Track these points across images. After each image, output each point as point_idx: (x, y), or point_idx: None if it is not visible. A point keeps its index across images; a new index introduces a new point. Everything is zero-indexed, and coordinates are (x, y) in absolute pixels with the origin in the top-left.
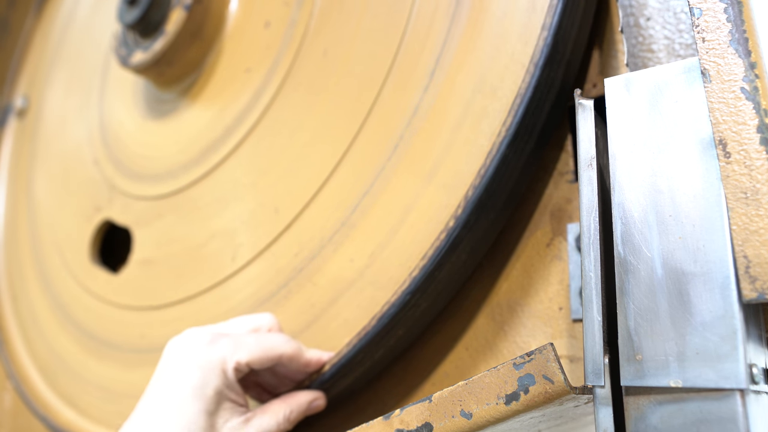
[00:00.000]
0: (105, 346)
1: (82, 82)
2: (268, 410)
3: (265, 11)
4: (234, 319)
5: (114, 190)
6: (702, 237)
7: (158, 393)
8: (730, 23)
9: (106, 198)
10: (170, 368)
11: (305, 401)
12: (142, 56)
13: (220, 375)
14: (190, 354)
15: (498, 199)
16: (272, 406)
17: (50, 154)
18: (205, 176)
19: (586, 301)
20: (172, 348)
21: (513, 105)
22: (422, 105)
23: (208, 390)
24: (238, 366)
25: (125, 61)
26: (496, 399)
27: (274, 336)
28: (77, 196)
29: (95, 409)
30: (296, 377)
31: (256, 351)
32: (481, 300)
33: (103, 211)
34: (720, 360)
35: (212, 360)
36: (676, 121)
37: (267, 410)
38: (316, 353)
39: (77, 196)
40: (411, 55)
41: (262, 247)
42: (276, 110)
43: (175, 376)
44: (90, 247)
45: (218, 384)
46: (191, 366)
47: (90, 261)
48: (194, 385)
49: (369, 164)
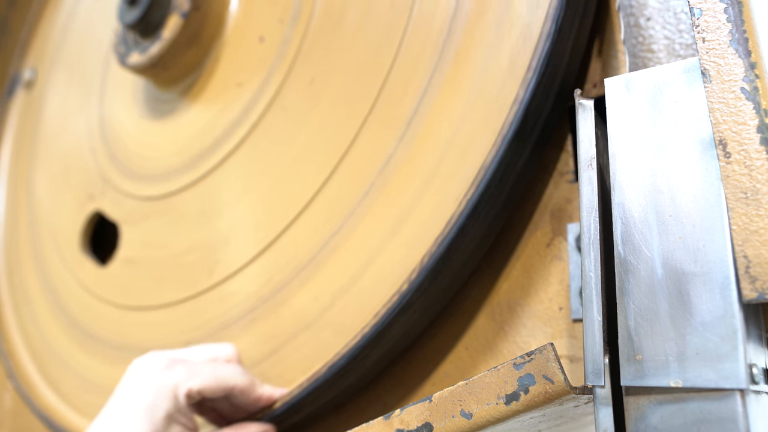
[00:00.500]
0: (89, 338)
1: (83, 80)
2: None
3: (260, 25)
4: (196, 347)
5: (107, 183)
6: (702, 237)
7: (113, 410)
8: (730, 23)
9: (99, 188)
10: (127, 388)
11: (255, 431)
12: (139, 58)
13: (171, 399)
14: (147, 377)
15: (454, 262)
16: None
17: (50, 151)
18: (194, 184)
19: (586, 301)
20: (132, 369)
21: (479, 173)
22: (395, 155)
23: (159, 412)
24: (190, 393)
25: (123, 59)
26: (496, 399)
27: (230, 367)
28: (74, 184)
29: (96, 408)
30: (249, 409)
31: (209, 380)
32: (481, 300)
33: (95, 200)
34: (720, 360)
35: (166, 384)
36: (676, 121)
37: None
38: (268, 389)
39: (74, 184)
40: (391, 102)
41: (236, 269)
42: (262, 130)
43: (131, 396)
44: (81, 235)
45: (169, 407)
46: (146, 388)
47: (80, 249)
48: (146, 406)
49: (341, 204)
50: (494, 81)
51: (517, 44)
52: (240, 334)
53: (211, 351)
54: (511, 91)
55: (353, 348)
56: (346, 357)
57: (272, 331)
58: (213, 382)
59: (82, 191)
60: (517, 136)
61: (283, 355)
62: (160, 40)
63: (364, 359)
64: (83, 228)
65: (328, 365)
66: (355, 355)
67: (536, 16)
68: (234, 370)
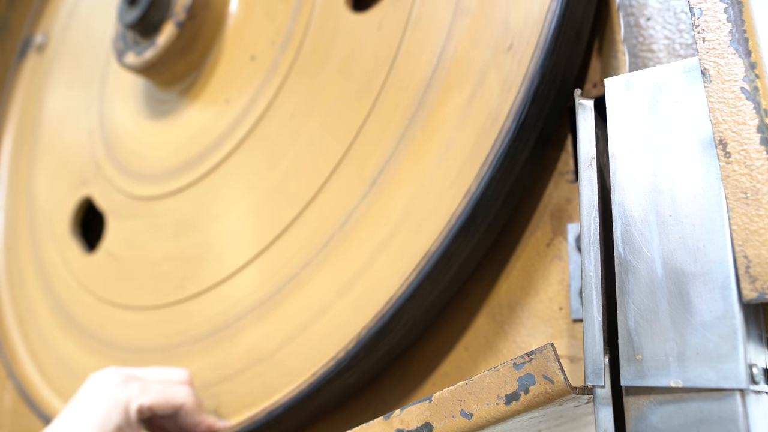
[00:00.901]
0: (74, 326)
1: (84, 76)
2: None
3: (253, 43)
4: (153, 368)
5: (99, 172)
6: (702, 237)
7: (68, 418)
8: (730, 23)
9: (92, 175)
10: (83, 399)
11: None
12: (134, 59)
13: (123, 413)
14: (102, 390)
15: (390, 338)
16: None
17: (51, 138)
18: (175, 193)
19: (586, 301)
20: (90, 381)
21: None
22: (356, 213)
23: (110, 424)
24: (141, 408)
25: (120, 57)
26: (496, 399)
27: (181, 388)
28: (70, 167)
29: None
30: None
31: (160, 398)
32: (481, 300)
33: (88, 185)
34: (720, 360)
35: (119, 399)
36: (676, 121)
37: None
38: (211, 419)
39: (70, 167)
40: (361, 155)
41: (201, 290)
42: (242, 154)
43: (86, 406)
44: (72, 217)
45: (120, 421)
46: (101, 400)
47: (69, 232)
48: (99, 417)
49: (303, 250)
50: (454, 164)
51: (482, 130)
52: (198, 354)
53: (166, 372)
54: (466, 181)
55: (286, 402)
56: (284, 406)
57: (226, 360)
58: (163, 400)
59: (76, 175)
60: (462, 229)
61: (232, 385)
62: (154, 46)
63: (301, 410)
64: (74, 211)
65: (267, 410)
66: (290, 406)
67: (506, 101)
68: (184, 391)
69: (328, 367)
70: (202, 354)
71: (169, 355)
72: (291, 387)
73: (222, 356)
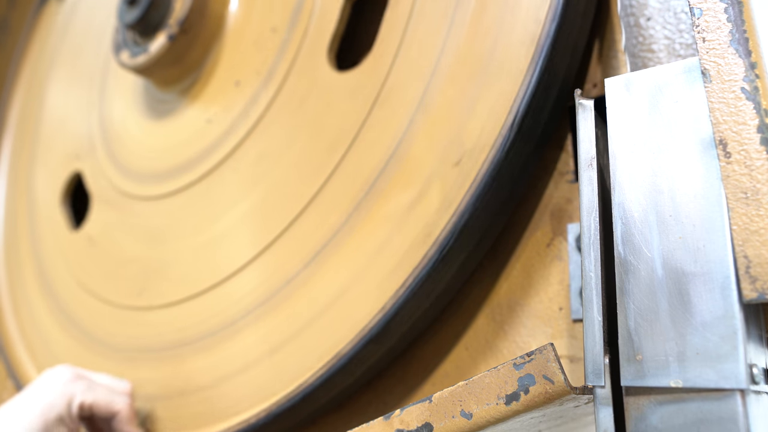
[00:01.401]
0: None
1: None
2: None
3: (241, 67)
4: (102, 374)
5: (93, 151)
6: (702, 237)
7: (18, 402)
8: (730, 23)
9: (86, 152)
10: (35, 388)
11: None
12: (127, 59)
13: (66, 405)
14: (52, 382)
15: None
16: None
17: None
18: (155, 199)
19: (586, 301)
20: (43, 375)
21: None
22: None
23: (53, 412)
24: (83, 405)
25: (116, 52)
26: (496, 399)
27: (121, 397)
28: (66, 140)
29: None
30: None
31: (101, 400)
32: (481, 300)
33: (81, 160)
34: (720, 360)
35: (65, 391)
36: (676, 121)
37: None
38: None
39: (66, 140)
40: (312, 222)
41: (157, 304)
42: (216, 178)
43: (34, 394)
44: (63, 189)
45: (62, 411)
46: (49, 391)
47: (59, 203)
48: (44, 404)
49: (276, 275)
50: (385, 266)
51: (415, 242)
52: (157, 365)
53: (112, 381)
54: (386, 292)
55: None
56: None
57: (189, 375)
58: (104, 403)
59: (71, 148)
60: (376, 337)
61: (184, 401)
62: (147, 52)
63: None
64: (65, 183)
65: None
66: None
67: (442, 217)
68: (123, 401)
69: (292, 395)
70: (159, 365)
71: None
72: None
73: (184, 371)
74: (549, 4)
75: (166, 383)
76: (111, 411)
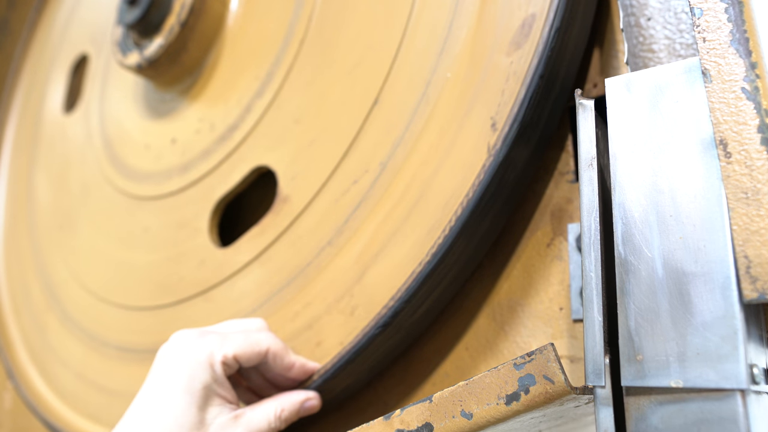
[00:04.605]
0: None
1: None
2: (258, 408)
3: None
4: (225, 322)
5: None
6: (703, 237)
7: (149, 390)
8: (730, 23)
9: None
10: (160, 366)
11: (298, 400)
12: (121, 58)
13: (207, 369)
14: (179, 351)
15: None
16: (263, 404)
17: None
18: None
19: (586, 301)
20: (162, 350)
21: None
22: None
23: (196, 384)
24: (226, 359)
25: (114, 46)
26: (496, 399)
27: (262, 333)
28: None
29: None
30: (283, 382)
31: (243, 345)
32: (481, 300)
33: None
34: (721, 360)
35: (200, 354)
36: (676, 121)
37: (258, 408)
38: (302, 359)
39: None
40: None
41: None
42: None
43: (165, 373)
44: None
45: (206, 378)
46: (179, 362)
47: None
48: (183, 380)
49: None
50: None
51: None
52: (149, 366)
53: (241, 323)
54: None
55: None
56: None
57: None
58: (247, 346)
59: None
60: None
61: None
62: (146, 52)
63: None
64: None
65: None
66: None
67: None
68: (267, 335)
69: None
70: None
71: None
72: None
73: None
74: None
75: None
76: (260, 351)
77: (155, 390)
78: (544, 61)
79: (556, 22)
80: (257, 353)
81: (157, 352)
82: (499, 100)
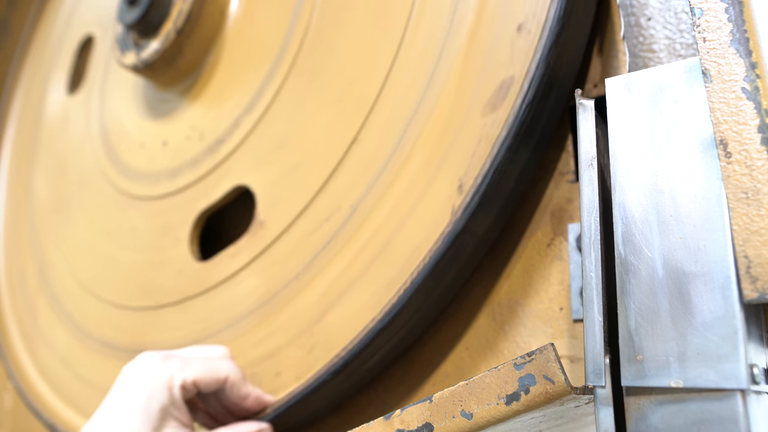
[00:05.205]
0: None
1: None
2: None
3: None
4: (189, 347)
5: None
6: (703, 237)
7: (108, 407)
8: (731, 23)
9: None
10: (122, 385)
11: (252, 430)
12: (119, 56)
13: (166, 392)
14: (141, 372)
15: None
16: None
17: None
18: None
19: (586, 301)
20: (126, 369)
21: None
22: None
23: (154, 405)
24: (185, 384)
25: (116, 52)
26: (496, 399)
27: (223, 361)
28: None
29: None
30: (238, 409)
31: (203, 371)
32: (481, 300)
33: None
34: (721, 360)
35: (160, 377)
36: (676, 121)
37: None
38: (257, 390)
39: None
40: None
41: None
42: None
43: (125, 392)
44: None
45: (164, 401)
46: (140, 383)
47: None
48: (141, 400)
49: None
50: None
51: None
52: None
53: (204, 349)
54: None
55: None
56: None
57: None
58: (207, 372)
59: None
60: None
61: None
62: (146, 52)
63: None
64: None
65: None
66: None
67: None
68: (227, 363)
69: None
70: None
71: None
72: None
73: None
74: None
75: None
76: (218, 380)
77: (114, 408)
78: (514, 131)
79: (530, 91)
80: (216, 380)
81: (122, 370)
82: (469, 162)
